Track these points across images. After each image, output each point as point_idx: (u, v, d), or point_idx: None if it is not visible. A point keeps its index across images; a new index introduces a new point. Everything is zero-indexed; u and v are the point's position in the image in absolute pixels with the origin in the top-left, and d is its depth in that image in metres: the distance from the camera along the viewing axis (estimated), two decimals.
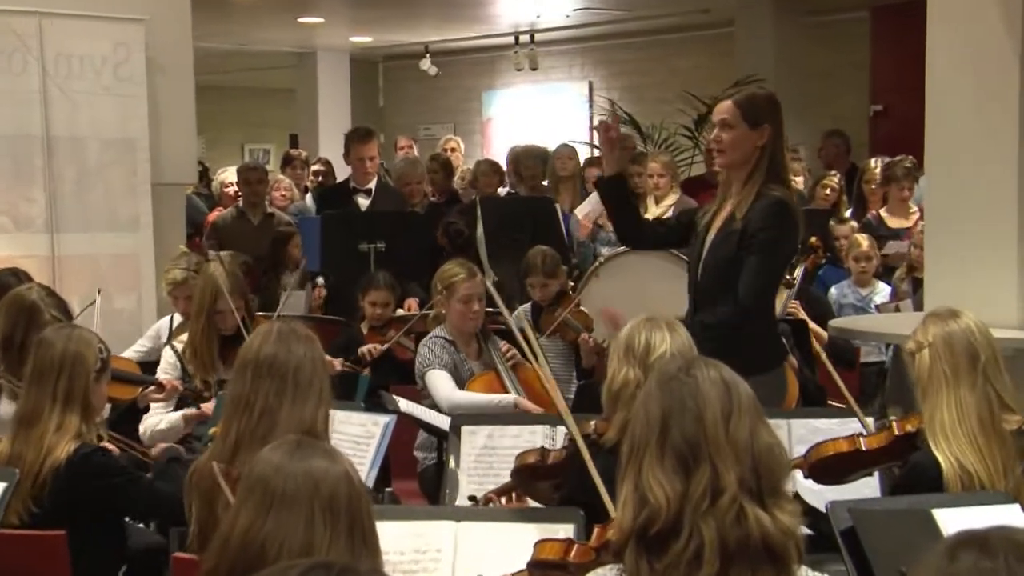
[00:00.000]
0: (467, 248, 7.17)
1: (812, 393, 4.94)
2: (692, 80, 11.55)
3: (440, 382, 4.76)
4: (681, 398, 2.09)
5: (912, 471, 3.16)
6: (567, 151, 7.93)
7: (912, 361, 3.26)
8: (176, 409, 4.79)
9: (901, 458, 3.21)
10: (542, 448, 3.30)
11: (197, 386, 4.72)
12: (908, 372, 3.31)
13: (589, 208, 7.37)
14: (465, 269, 4.98)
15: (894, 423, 3.21)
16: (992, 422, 3.15)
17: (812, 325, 5.45)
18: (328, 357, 4.92)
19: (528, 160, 8.00)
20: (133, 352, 5.50)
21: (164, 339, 5.37)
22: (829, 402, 4.89)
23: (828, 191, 7.80)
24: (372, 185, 7.30)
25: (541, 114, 13.44)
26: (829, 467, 3.16)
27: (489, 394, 4.75)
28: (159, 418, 4.70)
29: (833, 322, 5.45)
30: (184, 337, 4.90)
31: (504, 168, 8.69)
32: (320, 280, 6.95)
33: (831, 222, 7.36)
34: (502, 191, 8.62)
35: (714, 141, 4.06)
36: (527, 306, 5.94)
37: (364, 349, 5.63)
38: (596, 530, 2.46)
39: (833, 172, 8.01)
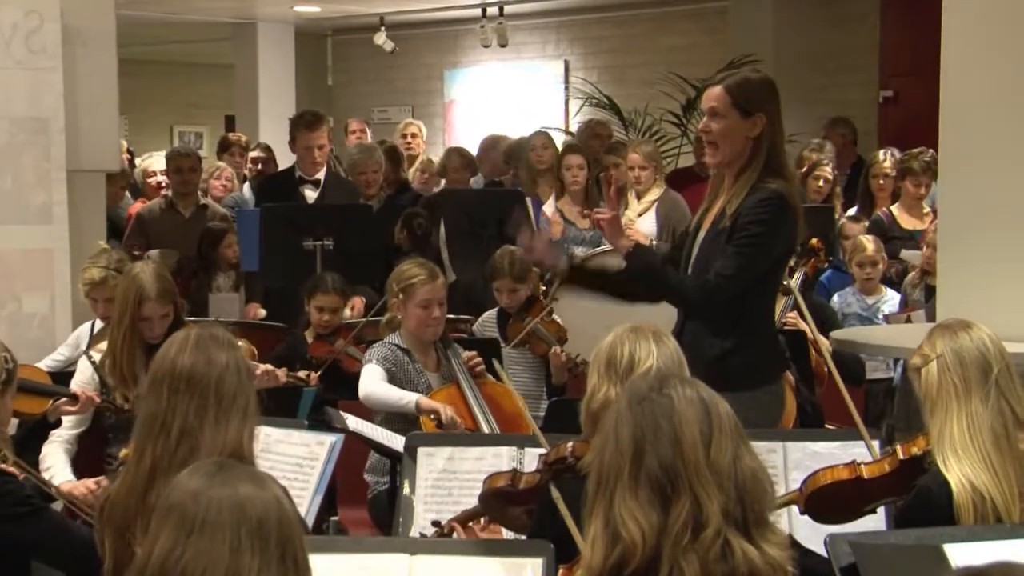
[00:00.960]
0: (428, 246, 7.18)
1: (809, 413, 4.97)
2: (680, 60, 11.58)
3: (369, 373, 4.81)
4: (655, 420, 2.10)
5: (919, 496, 3.16)
6: (542, 139, 7.93)
7: (918, 377, 3.28)
8: (93, 424, 4.76)
9: (908, 488, 3.22)
10: (513, 471, 3.30)
11: (117, 400, 4.69)
12: (914, 390, 3.33)
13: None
14: (425, 270, 4.99)
15: (898, 447, 3.23)
16: (1007, 439, 3.16)
17: (815, 335, 5.48)
18: (270, 367, 4.96)
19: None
20: (51, 362, 5.46)
21: (85, 347, 5.34)
22: (827, 425, 4.93)
23: (821, 183, 7.85)
24: (321, 175, 7.29)
25: (511, 96, 13.44)
26: (828, 500, 3.16)
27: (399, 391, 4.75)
28: (57, 457, 4.63)
29: (835, 334, 5.48)
30: (103, 346, 4.86)
31: (476, 156, 8.71)
32: (259, 308, 6.92)
33: (842, 220, 7.39)
34: (474, 182, 8.63)
35: (702, 131, 4.09)
36: (493, 312, 5.95)
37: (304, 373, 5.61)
38: (561, 572, 2.45)
39: (825, 161, 8.05)
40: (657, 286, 4.06)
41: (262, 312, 6.90)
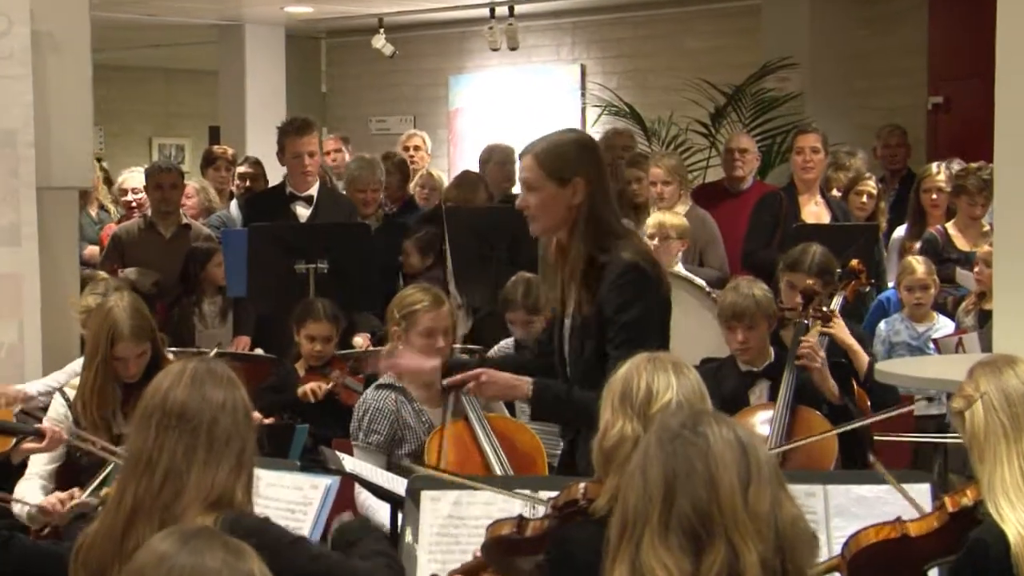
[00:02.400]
0: (442, 262, 7.19)
1: (860, 436, 4.96)
2: (707, 64, 11.61)
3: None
4: (688, 460, 2.11)
5: (974, 551, 3.14)
6: None
7: (962, 421, 3.28)
8: (66, 463, 4.76)
9: (961, 544, 3.20)
10: (519, 517, 3.30)
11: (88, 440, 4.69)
12: (960, 434, 3.33)
13: None
14: (429, 295, 4.99)
15: (947, 499, 3.22)
16: None
17: (849, 341, 5.49)
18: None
19: None
20: (42, 386, 5.50)
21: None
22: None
23: (864, 199, 7.86)
24: (314, 191, 7.32)
25: (522, 104, 13.48)
26: (873, 563, 3.14)
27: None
28: (32, 486, 4.65)
29: (881, 365, 5.48)
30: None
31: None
32: (245, 338, 6.95)
33: (898, 237, 7.37)
34: None
35: (518, 207, 4.17)
36: (509, 342, 5.96)
37: (307, 388, 5.64)
38: None
39: (868, 175, 8.07)
40: (570, 416, 4.09)
41: (246, 345, 6.93)
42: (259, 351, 6.86)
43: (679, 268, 6.80)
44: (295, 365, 5.89)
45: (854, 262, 5.84)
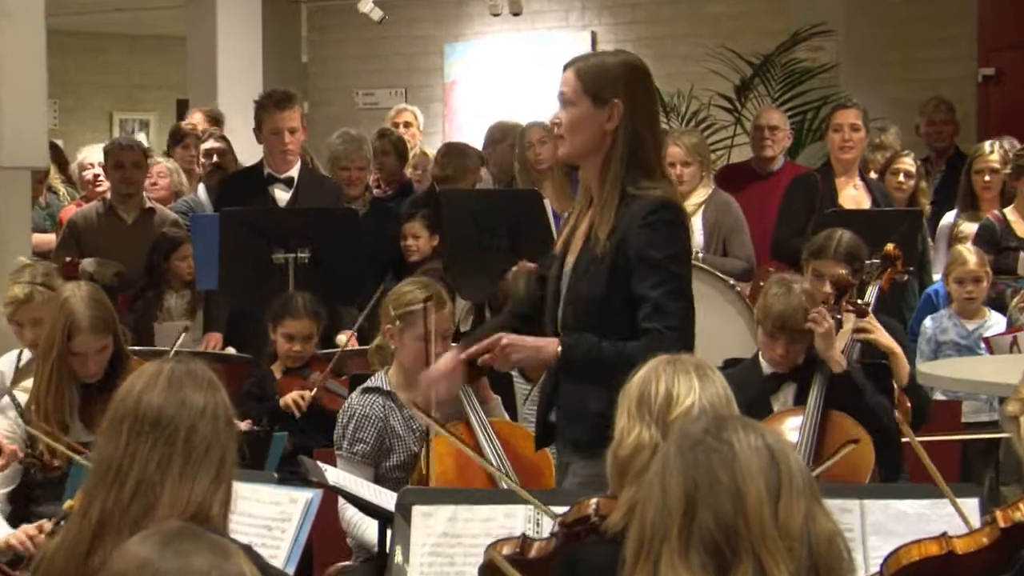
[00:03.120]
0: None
1: (873, 411, 4.96)
2: (732, 31, 11.60)
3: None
4: (711, 470, 2.12)
5: None
6: (538, 133, 7.89)
7: (1016, 427, 3.28)
8: (24, 481, 4.75)
9: (1012, 562, 3.20)
10: (523, 536, 3.30)
11: (43, 453, 4.68)
12: (1014, 443, 3.33)
13: None
14: (432, 293, 4.98)
15: (998, 513, 3.22)
16: None
17: (886, 342, 5.48)
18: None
19: None
20: None
21: (8, 384, 5.34)
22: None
23: (901, 178, 7.87)
24: (294, 172, 7.32)
25: (526, 76, 13.47)
26: None
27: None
28: None
29: (924, 367, 5.49)
30: (30, 383, 4.86)
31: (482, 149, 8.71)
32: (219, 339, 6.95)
33: (954, 221, 7.37)
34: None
35: (553, 123, 4.15)
36: None
37: (288, 399, 5.63)
38: None
39: (906, 152, 8.07)
40: (608, 368, 3.92)
41: (218, 343, 6.93)
42: (231, 350, 6.86)
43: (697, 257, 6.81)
44: (271, 367, 5.89)
45: (889, 246, 5.84)
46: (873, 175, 7.99)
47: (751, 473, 2.12)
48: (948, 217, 7.81)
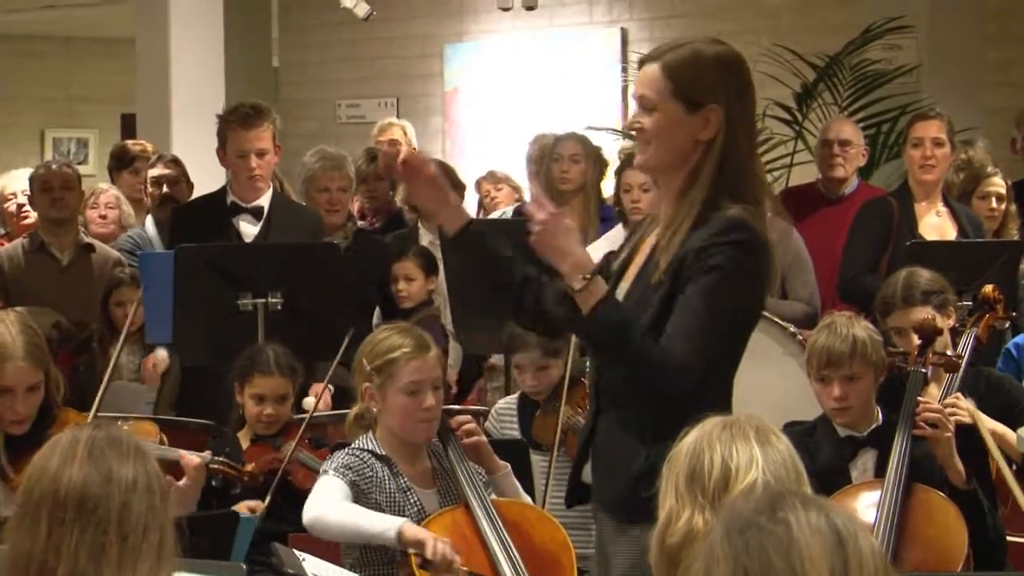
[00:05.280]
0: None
1: (993, 542, 4.98)
2: (793, 28, 11.65)
3: (325, 488, 4.82)
4: (764, 555, 2.14)
5: None
6: (572, 146, 7.97)
7: None
8: None
9: None
10: None
11: None
12: None
13: (605, 248, 7.42)
14: (410, 338, 5.02)
15: None
16: None
17: (991, 426, 5.50)
18: (189, 454, 5.00)
19: None
20: None
21: None
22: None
23: (993, 203, 7.89)
24: (264, 201, 7.34)
25: (542, 83, 13.53)
26: None
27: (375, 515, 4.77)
28: None
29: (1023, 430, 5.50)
30: None
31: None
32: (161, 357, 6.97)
33: None
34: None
35: (627, 128, 4.14)
36: (512, 399, 6.01)
37: (249, 467, 5.66)
38: None
39: (995, 170, 8.08)
40: (619, 350, 3.99)
41: (163, 362, 6.93)
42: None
43: None
44: (237, 434, 5.91)
45: (988, 288, 5.86)
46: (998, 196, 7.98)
47: (811, 558, 2.14)
48: None
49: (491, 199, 9.58)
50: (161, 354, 7.08)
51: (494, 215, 9.64)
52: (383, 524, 4.72)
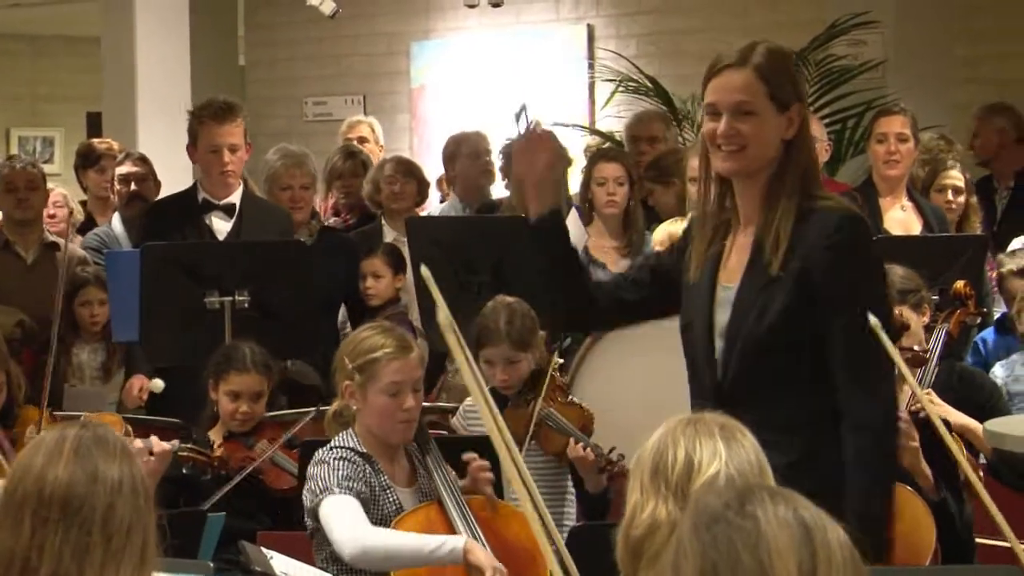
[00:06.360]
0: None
1: (959, 534, 5.00)
2: (758, 24, 11.64)
3: (343, 512, 4.78)
4: (732, 549, 2.14)
5: None
6: None
7: None
8: None
9: None
10: None
11: None
12: None
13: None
14: (393, 339, 5.03)
15: None
16: None
17: (962, 421, 5.51)
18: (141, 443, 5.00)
19: None
20: None
21: None
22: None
23: (950, 195, 7.91)
24: (236, 198, 7.33)
25: (508, 80, 13.51)
26: None
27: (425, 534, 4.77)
28: None
29: (991, 424, 5.51)
30: None
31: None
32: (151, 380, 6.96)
33: (1001, 259, 7.42)
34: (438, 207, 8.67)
35: (724, 137, 4.14)
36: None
37: (219, 451, 5.66)
38: None
39: (951, 163, 8.09)
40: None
41: (156, 387, 6.92)
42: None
43: None
44: (209, 433, 5.91)
45: (960, 284, 5.88)
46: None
47: (779, 551, 2.14)
48: (1017, 243, 7.83)
49: (449, 196, 9.58)
50: (158, 383, 7.05)
51: (441, 207, 9.66)
52: (448, 544, 4.71)
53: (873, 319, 3.65)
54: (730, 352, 4.11)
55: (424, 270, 3.31)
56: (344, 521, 4.77)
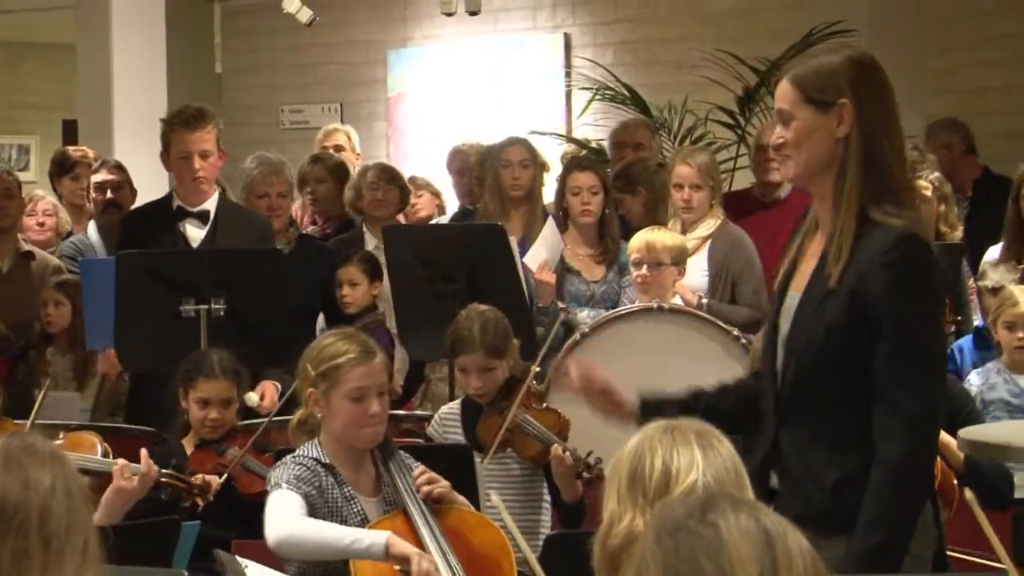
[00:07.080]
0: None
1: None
2: (735, 33, 11.67)
3: (282, 504, 4.79)
4: (693, 559, 2.14)
5: None
6: (519, 152, 7.97)
7: None
8: None
9: None
10: None
11: None
12: None
13: (545, 252, 7.38)
14: (356, 344, 5.03)
15: None
16: None
17: (948, 446, 5.52)
18: (125, 464, 4.97)
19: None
20: None
21: None
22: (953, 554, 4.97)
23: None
24: (211, 204, 7.32)
25: (485, 88, 13.54)
26: None
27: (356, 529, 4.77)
28: None
29: (965, 432, 5.53)
30: None
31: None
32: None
33: (984, 269, 7.43)
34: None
35: (775, 147, 4.17)
36: (455, 404, 6.04)
37: (198, 479, 5.65)
38: None
39: (923, 170, 8.09)
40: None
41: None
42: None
43: (683, 301, 6.85)
44: (182, 441, 5.90)
45: None
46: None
47: (740, 560, 2.14)
48: (992, 253, 7.83)
49: (411, 206, 9.56)
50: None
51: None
52: (368, 539, 4.72)
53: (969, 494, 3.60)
54: (787, 364, 4.10)
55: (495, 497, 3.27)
56: (278, 512, 4.78)
